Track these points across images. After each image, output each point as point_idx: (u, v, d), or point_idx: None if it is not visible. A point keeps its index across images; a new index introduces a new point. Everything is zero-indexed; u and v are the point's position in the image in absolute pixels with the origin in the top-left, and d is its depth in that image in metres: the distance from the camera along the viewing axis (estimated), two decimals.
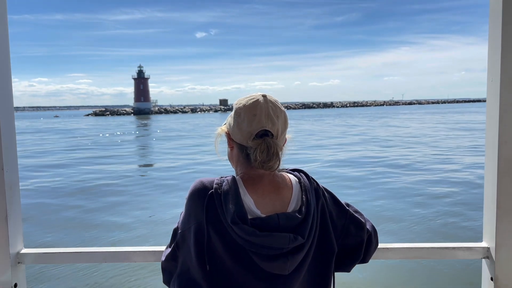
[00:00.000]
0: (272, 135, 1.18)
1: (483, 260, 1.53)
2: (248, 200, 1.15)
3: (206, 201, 1.14)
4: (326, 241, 1.23)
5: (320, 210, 1.23)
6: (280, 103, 1.26)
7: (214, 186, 1.16)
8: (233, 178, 1.19)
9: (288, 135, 1.28)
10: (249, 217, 1.12)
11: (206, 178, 1.20)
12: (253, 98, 1.22)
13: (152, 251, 1.51)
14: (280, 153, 1.17)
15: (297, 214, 1.16)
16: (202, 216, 1.14)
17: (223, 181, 1.17)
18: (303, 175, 1.27)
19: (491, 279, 1.48)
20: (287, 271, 1.13)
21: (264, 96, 1.23)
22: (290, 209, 1.18)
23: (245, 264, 1.12)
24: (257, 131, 1.18)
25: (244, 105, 1.21)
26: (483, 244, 1.52)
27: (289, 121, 1.27)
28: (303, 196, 1.20)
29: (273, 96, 1.26)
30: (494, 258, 1.46)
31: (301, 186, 1.23)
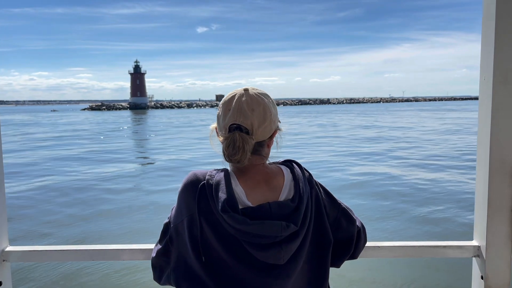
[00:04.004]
0: (246, 129, 1.17)
1: (474, 258, 1.52)
2: (239, 191, 1.15)
3: (198, 192, 1.14)
4: (322, 231, 1.22)
5: (315, 199, 1.22)
6: (270, 96, 1.25)
7: (207, 177, 1.17)
8: (226, 169, 1.20)
9: (282, 127, 1.28)
10: (240, 207, 1.12)
11: (199, 170, 1.21)
12: (232, 93, 1.23)
13: (141, 249, 1.50)
14: (246, 147, 1.15)
15: (290, 202, 1.15)
16: (195, 208, 1.14)
17: (216, 173, 1.18)
18: (295, 165, 1.26)
19: (482, 277, 1.47)
20: (282, 261, 1.12)
21: (246, 90, 1.23)
22: (282, 198, 1.18)
23: (239, 254, 1.12)
24: (229, 125, 1.18)
25: (224, 100, 1.23)
26: (474, 242, 1.52)
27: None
28: (296, 185, 1.19)
29: (259, 89, 1.25)
30: (484, 256, 1.46)
31: (293, 175, 1.22)
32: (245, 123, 1.17)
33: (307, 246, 1.18)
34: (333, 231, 1.26)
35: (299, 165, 1.27)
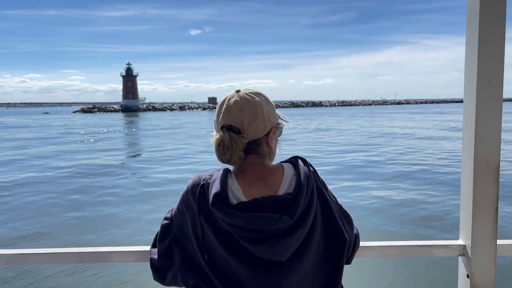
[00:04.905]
0: (238, 128, 1.18)
1: (460, 257, 1.54)
2: (235, 188, 1.15)
3: (198, 191, 1.16)
4: (333, 228, 1.19)
5: (320, 194, 1.19)
6: (263, 95, 1.25)
7: (206, 177, 1.18)
8: (226, 168, 1.21)
9: (284, 123, 1.29)
10: (236, 202, 1.12)
11: (204, 172, 1.23)
12: (225, 96, 1.25)
13: (131, 251, 1.50)
14: (235, 146, 1.16)
15: (286, 196, 1.13)
16: (195, 207, 1.15)
17: (216, 172, 1.20)
18: (299, 160, 1.25)
19: (467, 276, 1.49)
20: (282, 256, 1.09)
21: (237, 91, 1.24)
22: (280, 193, 1.16)
23: (238, 251, 1.11)
24: (220, 126, 1.20)
25: (218, 104, 1.26)
26: (460, 241, 1.54)
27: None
28: (298, 179, 1.17)
29: (252, 89, 1.26)
30: (470, 255, 1.48)
31: (295, 169, 1.21)
32: (235, 123, 1.18)
33: (314, 243, 1.14)
34: None
35: (304, 160, 1.25)
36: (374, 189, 10.97)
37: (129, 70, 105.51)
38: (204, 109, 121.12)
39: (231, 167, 1.24)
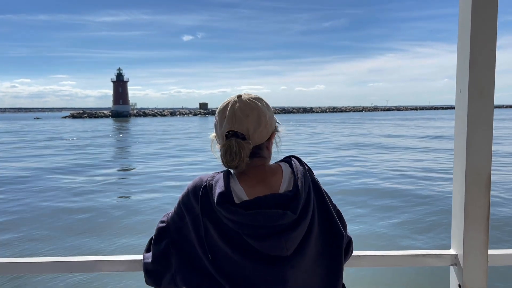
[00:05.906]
0: (242, 134, 1.20)
1: (451, 267, 1.55)
2: (237, 189, 1.17)
3: (200, 193, 1.17)
4: (330, 222, 1.22)
5: (316, 190, 1.23)
6: (264, 100, 1.28)
7: (208, 179, 1.20)
8: (228, 170, 1.23)
9: (281, 128, 1.32)
10: (238, 202, 1.14)
11: (205, 174, 1.24)
12: (226, 101, 1.26)
13: (122, 260, 1.48)
14: (243, 152, 1.18)
15: (287, 193, 1.16)
16: (198, 208, 1.16)
17: (218, 174, 1.22)
18: (295, 159, 1.28)
19: (459, 285, 1.50)
20: (286, 251, 1.11)
21: (239, 96, 1.26)
22: (281, 191, 1.19)
23: (242, 248, 1.12)
24: (225, 133, 1.21)
25: (219, 109, 1.27)
26: (451, 251, 1.55)
27: None
28: (295, 177, 1.20)
29: (252, 94, 1.28)
30: (461, 265, 1.49)
31: (292, 168, 1.24)
32: (241, 129, 1.20)
33: (314, 237, 1.18)
34: None
35: (299, 159, 1.29)
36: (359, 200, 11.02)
37: (119, 76, 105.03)
38: (195, 114, 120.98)
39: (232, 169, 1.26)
